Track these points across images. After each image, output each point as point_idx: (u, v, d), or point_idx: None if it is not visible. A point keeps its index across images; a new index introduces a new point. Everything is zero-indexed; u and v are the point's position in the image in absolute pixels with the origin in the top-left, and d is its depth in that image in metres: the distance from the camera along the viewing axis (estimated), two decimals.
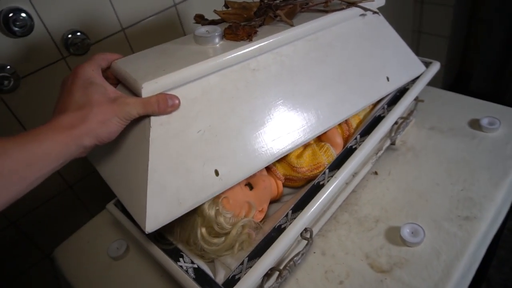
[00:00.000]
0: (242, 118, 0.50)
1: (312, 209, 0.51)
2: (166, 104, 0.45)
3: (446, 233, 0.59)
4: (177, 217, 0.45)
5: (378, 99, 0.64)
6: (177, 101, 0.46)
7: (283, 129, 0.53)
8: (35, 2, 0.69)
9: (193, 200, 0.46)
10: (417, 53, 1.81)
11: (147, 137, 0.45)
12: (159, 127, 0.45)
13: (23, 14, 0.68)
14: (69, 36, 0.75)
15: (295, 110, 0.54)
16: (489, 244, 0.64)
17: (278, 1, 0.62)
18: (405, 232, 0.59)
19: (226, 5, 0.60)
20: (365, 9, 0.62)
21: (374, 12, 0.63)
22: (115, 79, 0.51)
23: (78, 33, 0.76)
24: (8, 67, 0.70)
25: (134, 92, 0.46)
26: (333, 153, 0.60)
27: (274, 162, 0.61)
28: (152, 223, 0.43)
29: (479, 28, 1.72)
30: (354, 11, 0.62)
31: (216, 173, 0.47)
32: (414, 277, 0.55)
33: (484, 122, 0.74)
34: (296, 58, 0.56)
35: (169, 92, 0.46)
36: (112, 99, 0.43)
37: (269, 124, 0.52)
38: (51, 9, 0.71)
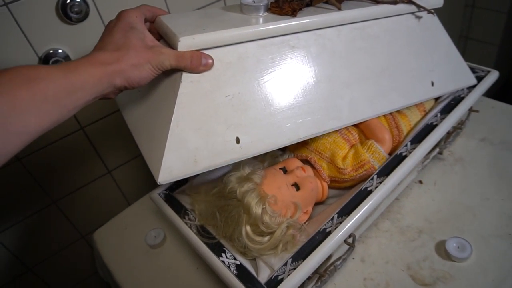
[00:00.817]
0: (272, 92, 0.50)
1: (358, 215, 0.50)
2: (199, 61, 0.45)
3: (494, 250, 0.57)
4: (190, 175, 0.46)
5: (419, 101, 0.62)
6: (210, 61, 0.46)
7: (312, 112, 0.52)
8: None
9: (209, 162, 0.46)
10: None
11: (176, 91, 0.45)
12: (189, 84, 0.46)
13: (79, 0, 0.70)
14: None
15: (328, 95, 0.53)
16: None
17: None
18: (451, 246, 0.57)
19: None
20: (420, 7, 0.60)
21: (429, 12, 0.61)
22: (158, 34, 0.52)
23: None
24: (60, 51, 0.72)
25: (172, 45, 0.46)
26: (378, 149, 0.58)
27: (320, 163, 0.60)
28: (165, 175, 0.44)
29: None
30: (408, 7, 0.60)
31: (237, 140, 0.47)
32: None
33: None
34: (339, 44, 0.55)
35: (205, 52, 0.46)
36: (148, 46, 0.44)
37: (299, 104, 0.51)
38: None
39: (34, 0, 0.65)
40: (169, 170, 0.44)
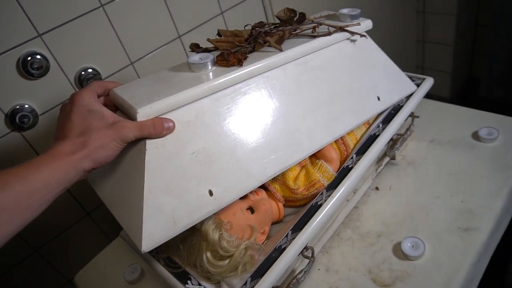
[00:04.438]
0: (234, 139, 0.53)
1: (310, 229, 0.54)
2: (161, 127, 0.47)
3: (446, 245, 0.61)
4: (172, 237, 0.47)
5: (370, 118, 0.66)
6: (171, 124, 0.48)
7: (275, 150, 0.55)
8: (51, 45, 0.75)
9: (188, 220, 0.48)
10: (423, 62, 1.83)
11: (143, 159, 0.47)
12: (154, 150, 0.48)
13: (39, 57, 0.74)
14: (82, 73, 0.80)
15: (287, 131, 0.57)
16: (501, 253, 0.64)
17: (268, 29, 0.65)
18: (406, 246, 0.61)
19: (219, 34, 0.64)
20: (353, 33, 0.66)
21: (362, 35, 0.66)
22: (113, 106, 0.54)
23: (90, 70, 0.82)
24: (26, 105, 0.75)
25: (131, 117, 0.48)
26: (327, 168, 0.62)
27: (274, 185, 0.64)
28: (148, 243, 0.45)
29: (484, 34, 1.73)
30: (342, 34, 0.65)
31: (210, 193, 0.50)
32: None
33: (483, 132, 0.76)
34: (286, 81, 0.59)
35: (164, 116, 0.49)
36: (109, 124, 0.45)
37: (261, 145, 0.54)
38: (65, 50, 0.77)
39: None
40: (150, 237, 0.45)
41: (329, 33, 0.63)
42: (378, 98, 0.68)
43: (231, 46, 0.60)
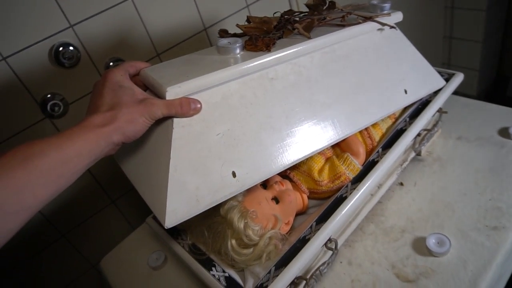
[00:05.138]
0: (259, 123, 0.53)
1: (335, 221, 0.54)
2: (188, 107, 0.48)
3: (473, 243, 0.60)
4: (194, 215, 0.48)
5: (396, 110, 0.66)
6: (199, 105, 0.49)
7: (299, 136, 0.55)
8: (81, 36, 0.77)
9: (210, 199, 0.49)
10: (449, 59, 1.79)
11: (170, 137, 0.48)
12: (181, 129, 0.49)
13: (71, 48, 0.76)
14: (111, 64, 0.82)
15: (312, 118, 0.57)
16: None
17: (297, 16, 0.65)
18: (431, 242, 0.60)
19: (248, 20, 0.64)
20: (382, 24, 0.65)
21: (391, 27, 0.65)
22: (144, 85, 0.55)
23: (118, 61, 0.83)
24: (58, 94, 0.78)
25: (160, 95, 0.49)
26: (353, 161, 0.62)
27: (298, 176, 0.64)
28: (171, 219, 0.46)
29: None
30: (371, 25, 0.64)
31: (234, 174, 0.50)
32: None
33: None
34: (313, 69, 0.59)
35: (191, 97, 0.49)
36: (139, 100, 0.46)
37: (285, 130, 0.55)
38: (95, 41, 0.79)
39: (29, 51, 0.71)
40: (174, 213, 0.46)
41: (358, 23, 0.62)
42: (405, 91, 0.67)
43: (260, 32, 0.61)
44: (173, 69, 0.54)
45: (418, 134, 0.68)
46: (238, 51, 0.55)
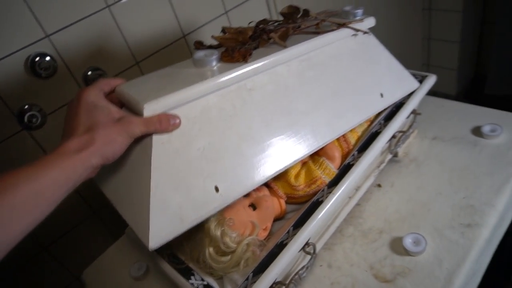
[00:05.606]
0: (240, 135, 0.53)
1: (312, 225, 0.55)
2: (168, 122, 0.47)
3: (448, 241, 0.61)
4: (179, 234, 0.47)
5: (373, 114, 0.67)
6: (177, 120, 0.48)
7: (280, 146, 0.56)
8: (58, 46, 0.76)
9: (194, 216, 0.48)
10: (429, 59, 1.83)
11: (149, 155, 0.47)
12: (160, 146, 0.48)
13: (48, 58, 0.76)
14: (89, 73, 0.82)
15: (291, 127, 0.57)
16: (506, 250, 0.65)
17: (272, 26, 0.66)
18: (407, 242, 0.62)
19: (223, 31, 0.64)
20: (356, 30, 0.66)
21: (365, 32, 0.67)
22: (119, 102, 0.53)
23: (97, 70, 0.83)
24: (35, 105, 0.77)
25: (137, 112, 0.48)
26: (329, 165, 0.63)
27: (275, 182, 0.65)
28: (155, 241, 0.45)
29: (490, 31, 1.71)
30: (345, 32, 0.65)
31: (216, 189, 0.50)
32: (417, 286, 0.57)
33: (486, 129, 0.76)
34: (290, 78, 0.59)
35: (170, 112, 0.49)
36: (116, 119, 0.45)
37: (266, 141, 0.55)
38: (72, 51, 0.79)
39: (4, 62, 0.70)
40: (157, 234, 0.45)
41: (332, 30, 0.63)
42: (381, 95, 0.68)
43: (236, 42, 0.61)
44: (149, 84, 0.53)
45: (393, 136, 0.70)
46: (214, 63, 0.55)
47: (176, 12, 0.92)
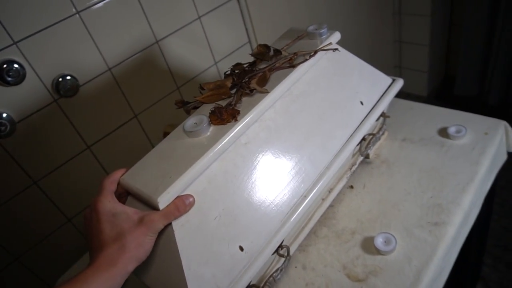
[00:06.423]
0: (248, 191, 0.55)
1: (284, 228, 0.55)
2: (184, 206, 0.49)
3: (416, 239, 0.63)
4: None
5: (359, 124, 0.68)
6: (192, 199, 0.50)
7: (285, 186, 0.58)
8: (26, 53, 0.75)
9: (228, 280, 0.51)
10: (400, 62, 1.88)
11: (174, 240, 0.49)
12: (181, 228, 0.50)
13: (16, 65, 0.74)
14: (60, 80, 0.81)
15: (291, 164, 0.59)
16: (474, 246, 0.67)
17: (246, 67, 0.66)
18: (378, 241, 0.63)
19: (202, 88, 0.64)
20: (325, 50, 0.67)
21: (334, 50, 0.68)
22: (125, 191, 0.54)
23: (68, 77, 0.82)
24: (4, 114, 0.76)
25: (152, 206, 0.49)
26: None
27: None
28: None
29: (458, 33, 1.78)
30: (317, 56, 0.66)
31: (241, 248, 0.52)
32: (388, 284, 0.59)
33: (452, 130, 0.79)
34: (278, 118, 0.60)
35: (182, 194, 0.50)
36: (137, 222, 0.47)
37: (271, 186, 0.56)
38: (41, 57, 0.78)
39: None
40: None
41: (305, 60, 0.63)
42: (361, 103, 0.69)
43: (218, 98, 0.61)
44: (151, 170, 0.53)
45: (364, 139, 0.72)
46: (207, 130, 0.55)
47: (148, 17, 0.91)
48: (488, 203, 0.81)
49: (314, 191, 0.59)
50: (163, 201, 0.48)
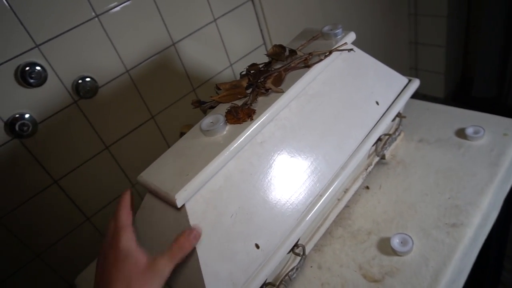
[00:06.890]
0: (264, 189, 0.55)
1: (300, 227, 0.56)
2: (189, 242, 0.48)
3: (434, 240, 0.63)
4: None
5: (374, 124, 0.68)
6: (195, 232, 0.49)
7: (301, 185, 0.58)
8: (48, 55, 0.77)
9: (244, 278, 0.51)
10: (416, 64, 1.86)
11: None
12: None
13: (38, 67, 0.77)
14: (79, 81, 0.83)
15: (305, 163, 0.59)
16: (493, 249, 0.66)
17: (261, 67, 0.66)
18: (395, 242, 0.63)
19: (218, 88, 0.64)
20: (340, 50, 0.67)
21: (349, 50, 0.68)
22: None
23: (87, 78, 0.84)
24: (27, 115, 0.78)
25: (169, 202, 0.50)
26: None
27: None
28: None
29: (475, 34, 1.75)
30: (332, 56, 0.66)
31: (257, 246, 0.53)
32: (405, 285, 0.59)
33: (469, 131, 0.78)
34: (293, 117, 0.60)
35: (198, 193, 0.50)
36: (145, 268, 0.47)
37: (287, 185, 0.57)
38: (62, 60, 0.80)
39: None
40: None
41: (320, 60, 0.63)
42: (377, 103, 0.69)
43: (234, 98, 0.61)
44: (169, 168, 0.53)
45: (379, 139, 0.71)
46: (223, 129, 0.56)
47: (165, 20, 0.93)
48: (508, 205, 0.80)
49: (330, 190, 0.59)
50: (181, 198, 0.49)
